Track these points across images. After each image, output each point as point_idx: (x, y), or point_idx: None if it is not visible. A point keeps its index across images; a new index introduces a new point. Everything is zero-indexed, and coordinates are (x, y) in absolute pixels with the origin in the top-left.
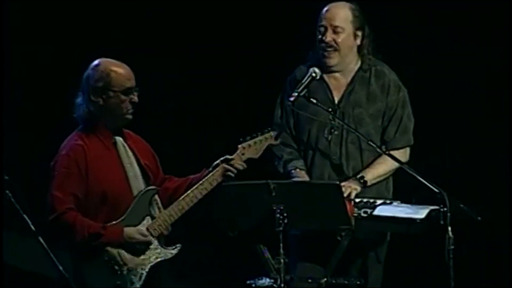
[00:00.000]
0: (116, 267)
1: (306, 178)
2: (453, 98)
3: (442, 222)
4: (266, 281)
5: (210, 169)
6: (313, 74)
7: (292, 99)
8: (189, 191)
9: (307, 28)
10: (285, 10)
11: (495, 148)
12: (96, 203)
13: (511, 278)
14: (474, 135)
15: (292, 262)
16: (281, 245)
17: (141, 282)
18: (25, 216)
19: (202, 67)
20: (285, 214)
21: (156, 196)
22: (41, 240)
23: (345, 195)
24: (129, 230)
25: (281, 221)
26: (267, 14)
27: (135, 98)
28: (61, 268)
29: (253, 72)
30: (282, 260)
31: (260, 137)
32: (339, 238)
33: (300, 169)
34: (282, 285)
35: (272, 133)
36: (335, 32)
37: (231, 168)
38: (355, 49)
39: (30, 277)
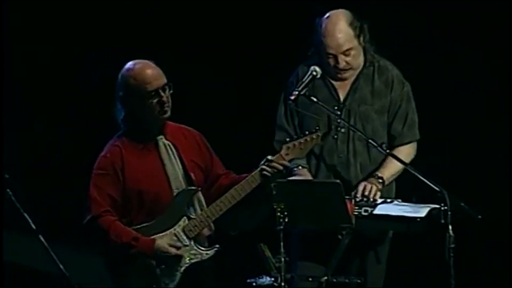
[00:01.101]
0: (151, 269)
1: (308, 176)
2: (453, 98)
3: (442, 221)
4: (266, 280)
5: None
6: (314, 73)
7: (292, 97)
8: (227, 193)
9: (308, 26)
10: (286, 9)
11: (495, 146)
12: (134, 204)
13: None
14: (474, 134)
15: (292, 261)
16: (282, 243)
17: (175, 283)
18: (25, 214)
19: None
20: (285, 213)
21: (199, 196)
22: (42, 239)
23: (367, 193)
24: (160, 244)
25: (281, 220)
26: (269, 13)
27: (164, 98)
28: (61, 266)
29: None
30: (282, 259)
31: (306, 137)
32: (339, 237)
33: (303, 167)
34: (283, 284)
35: (320, 133)
36: (345, 55)
37: (268, 168)
38: (361, 51)
39: (31, 275)
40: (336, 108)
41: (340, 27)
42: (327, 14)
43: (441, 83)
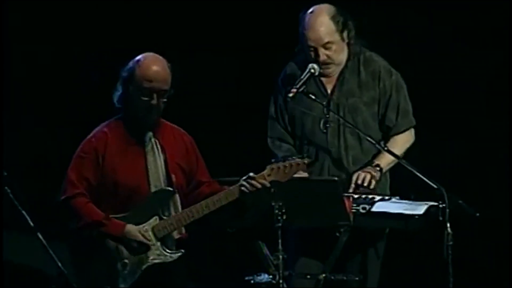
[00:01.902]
0: (113, 261)
1: (303, 173)
2: (453, 98)
3: (440, 218)
4: (264, 277)
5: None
6: (312, 70)
7: (291, 94)
8: (202, 201)
9: (294, 25)
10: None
11: (494, 144)
12: (108, 193)
13: (511, 274)
14: (474, 133)
15: (290, 258)
16: (280, 241)
17: (134, 279)
18: (24, 212)
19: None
20: (283, 211)
21: (176, 198)
22: (40, 237)
23: (365, 182)
24: (130, 228)
25: (279, 218)
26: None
27: (154, 102)
28: (60, 264)
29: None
30: (280, 256)
31: (292, 161)
32: (337, 234)
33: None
34: (281, 281)
35: (306, 160)
36: (326, 48)
37: (247, 185)
38: (345, 47)
39: (29, 273)
40: (324, 102)
41: (321, 20)
42: (311, 9)
43: (441, 83)
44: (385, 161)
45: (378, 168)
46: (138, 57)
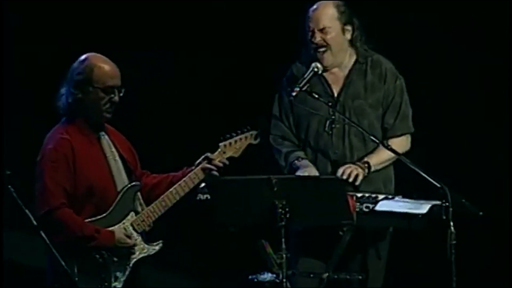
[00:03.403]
0: (102, 261)
1: (310, 165)
2: (453, 97)
3: (444, 217)
4: (268, 276)
5: (193, 167)
6: (315, 69)
7: (294, 94)
8: (171, 188)
9: (300, 25)
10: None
11: (495, 142)
12: (83, 197)
13: None
14: (475, 130)
15: (293, 257)
16: (283, 240)
17: (124, 277)
18: (27, 211)
19: (196, 64)
20: (286, 209)
21: (139, 192)
22: (43, 235)
23: (350, 178)
24: (119, 235)
25: (282, 216)
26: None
27: (116, 98)
28: (63, 263)
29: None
30: (283, 255)
31: (240, 136)
32: (341, 233)
33: (302, 158)
34: (284, 280)
35: (253, 133)
36: (323, 32)
37: (210, 166)
38: (346, 44)
39: (31, 272)
40: (330, 103)
41: (326, 6)
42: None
43: (441, 82)
44: (376, 159)
45: (366, 165)
46: (84, 59)
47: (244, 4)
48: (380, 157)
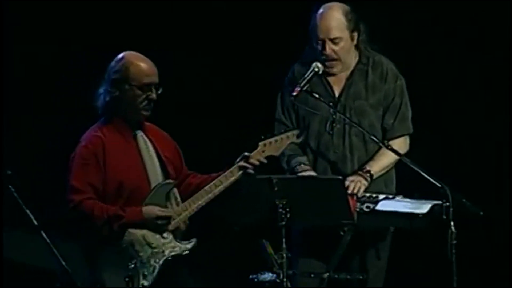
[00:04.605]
0: (130, 258)
1: (312, 173)
2: (453, 97)
3: (444, 217)
4: (268, 276)
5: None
6: (316, 69)
7: (295, 93)
8: (206, 187)
9: (303, 25)
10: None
11: (495, 142)
12: (113, 194)
13: None
14: (475, 130)
15: (294, 257)
16: (284, 240)
17: (154, 275)
18: (27, 211)
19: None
20: (287, 209)
21: (175, 190)
22: (44, 235)
23: (355, 190)
24: (147, 208)
25: (283, 216)
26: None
27: (153, 95)
28: (63, 263)
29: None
30: (284, 255)
31: (282, 135)
32: (341, 233)
33: (304, 164)
34: (285, 280)
35: (295, 132)
36: (333, 43)
37: (247, 164)
38: (353, 49)
39: (33, 272)
40: (331, 104)
41: (335, 14)
42: (325, 4)
43: (441, 83)
44: (377, 166)
45: (368, 175)
46: (120, 58)
47: (244, 4)
48: (381, 164)
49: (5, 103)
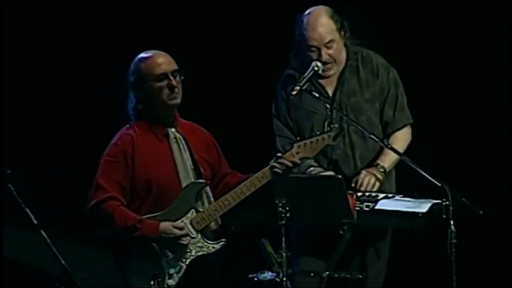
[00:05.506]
0: (156, 257)
1: (329, 172)
2: (453, 97)
3: (444, 216)
4: (268, 275)
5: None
6: (315, 68)
7: (294, 93)
8: (236, 188)
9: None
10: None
11: (495, 142)
12: (141, 193)
13: None
14: (475, 130)
15: (294, 256)
16: (283, 239)
17: (180, 275)
18: (27, 210)
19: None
20: (287, 208)
21: (207, 190)
22: (44, 234)
23: (369, 186)
24: (164, 225)
25: (283, 215)
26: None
27: (173, 82)
28: (63, 262)
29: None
30: (284, 254)
31: (318, 137)
32: (341, 232)
33: (315, 166)
34: (284, 279)
35: (331, 133)
36: (327, 47)
37: (278, 165)
38: (343, 46)
39: (32, 271)
40: (327, 103)
41: (321, 20)
42: (308, 10)
43: (442, 82)
44: (388, 161)
45: (382, 170)
46: (136, 59)
47: (244, 4)
48: (391, 158)
49: (5, 103)
